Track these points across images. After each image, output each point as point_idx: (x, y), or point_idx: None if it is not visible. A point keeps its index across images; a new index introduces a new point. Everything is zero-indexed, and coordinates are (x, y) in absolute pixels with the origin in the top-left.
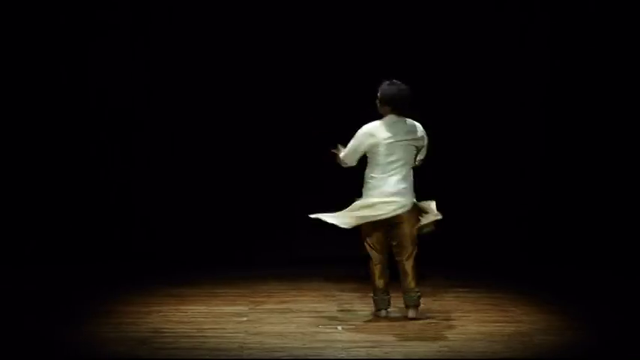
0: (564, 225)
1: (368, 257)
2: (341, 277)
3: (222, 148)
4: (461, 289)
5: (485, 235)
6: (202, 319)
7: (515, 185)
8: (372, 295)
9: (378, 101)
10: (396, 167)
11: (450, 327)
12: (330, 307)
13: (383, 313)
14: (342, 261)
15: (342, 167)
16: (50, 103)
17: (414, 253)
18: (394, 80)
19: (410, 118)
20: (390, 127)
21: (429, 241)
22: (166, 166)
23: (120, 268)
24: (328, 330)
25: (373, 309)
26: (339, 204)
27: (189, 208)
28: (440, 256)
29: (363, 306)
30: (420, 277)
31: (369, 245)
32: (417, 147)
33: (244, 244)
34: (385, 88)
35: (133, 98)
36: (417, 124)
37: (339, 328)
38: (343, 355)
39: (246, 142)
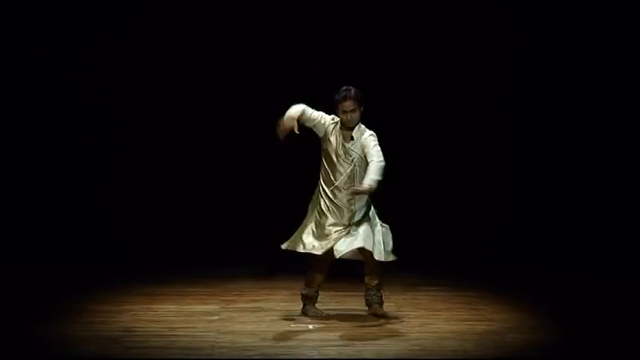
0: (535, 224)
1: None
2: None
3: (194, 147)
4: (432, 288)
5: (456, 233)
6: (173, 318)
7: (486, 184)
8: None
9: (361, 107)
10: None
11: (422, 325)
12: (301, 306)
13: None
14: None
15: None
16: (20, 102)
17: None
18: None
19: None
20: None
21: (401, 239)
22: (138, 166)
23: (91, 268)
24: (300, 329)
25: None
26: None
27: (161, 208)
28: (411, 254)
29: (334, 305)
30: (393, 276)
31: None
32: None
33: (215, 243)
34: (359, 92)
35: (105, 99)
36: None
37: (311, 326)
38: (315, 353)
39: (217, 141)
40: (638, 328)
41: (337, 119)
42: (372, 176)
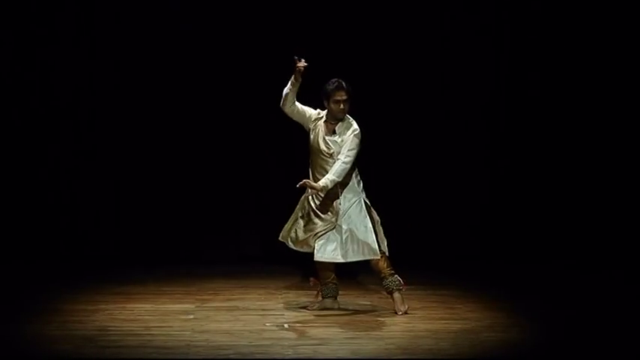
0: (511, 222)
1: None
2: (287, 274)
3: (169, 146)
4: (407, 287)
5: (431, 232)
6: (149, 317)
7: (462, 183)
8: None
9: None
10: None
11: (397, 324)
12: (276, 305)
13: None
14: (288, 259)
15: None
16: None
17: None
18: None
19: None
20: None
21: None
22: (113, 164)
23: (66, 267)
24: (275, 327)
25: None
26: (287, 202)
27: (136, 207)
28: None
29: (309, 303)
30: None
31: None
32: None
33: (190, 242)
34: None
35: (79, 96)
36: None
37: (286, 325)
38: (290, 352)
39: (192, 140)
40: (613, 327)
41: (322, 113)
42: (330, 175)
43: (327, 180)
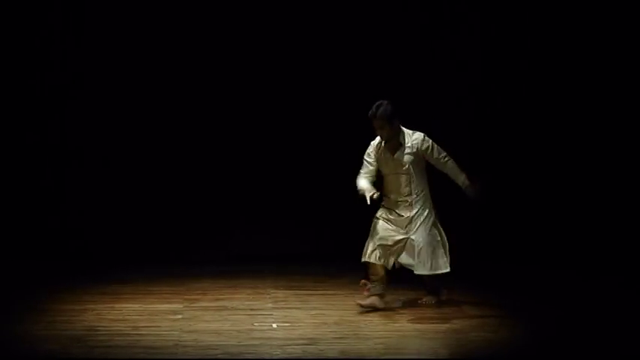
0: (500, 222)
1: None
2: (275, 274)
3: (157, 146)
4: (395, 286)
5: None
6: (137, 317)
7: (452, 183)
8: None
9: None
10: None
11: (386, 324)
12: (264, 305)
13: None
14: (276, 259)
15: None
16: None
17: None
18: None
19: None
20: None
21: (364, 238)
22: (101, 164)
23: (54, 267)
24: (263, 327)
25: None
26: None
27: (125, 206)
28: None
29: (297, 303)
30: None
31: None
32: None
33: (179, 242)
34: (388, 108)
35: (68, 96)
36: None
37: (274, 325)
38: (278, 352)
39: (181, 141)
40: (602, 326)
41: (375, 140)
42: (460, 172)
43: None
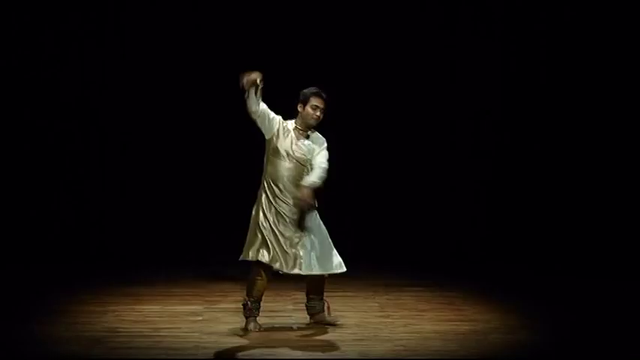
0: (516, 224)
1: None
2: (295, 276)
3: (179, 148)
4: (415, 288)
5: (438, 234)
6: (158, 319)
7: (468, 185)
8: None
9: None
10: None
11: (406, 325)
12: (285, 306)
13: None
14: None
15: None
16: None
17: None
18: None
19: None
20: None
21: (384, 239)
22: (122, 167)
23: (75, 268)
24: (284, 329)
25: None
26: None
27: (145, 209)
28: (394, 255)
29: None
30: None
31: None
32: None
33: (199, 244)
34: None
35: (90, 95)
36: None
37: (295, 327)
38: (299, 354)
39: (203, 143)
40: (618, 329)
41: (289, 121)
42: (314, 179)
43: (312, 183)
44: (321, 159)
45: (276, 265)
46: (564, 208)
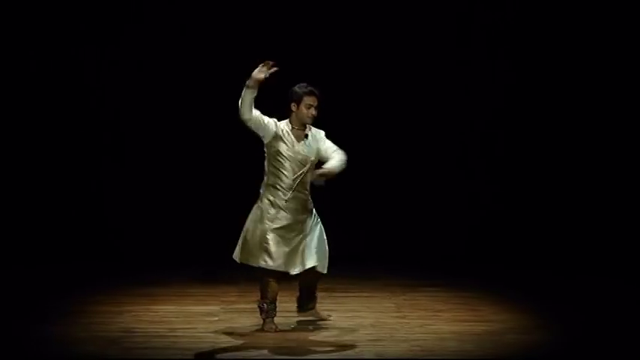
0: (530, 227)
1: None
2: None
3: (192, 148)
4: (431, 289)
5: (455, 235)
6: (174, 319)
7: (483, 187)
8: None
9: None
10: None
11: (422, 326)
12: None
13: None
14: None
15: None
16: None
17: None
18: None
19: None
20: None
21: (399, 240)
22: (137, 167)
23: (91, 269)
24: (299, 329)
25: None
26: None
27: (161, 209)
28: (410, 255)
29: (334, 305)
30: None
31: None
32: None
33: (215, 244)
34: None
35: (107, 98)
36: None
37: (310, 327)
38: (315, 354)
39: (216, 143)
40: (632, 329)
41: (282, 122)
42: (336, 163)
43: (334, 167)
44: (332, 149)
45: (282, 268)
46: (581, 209)
